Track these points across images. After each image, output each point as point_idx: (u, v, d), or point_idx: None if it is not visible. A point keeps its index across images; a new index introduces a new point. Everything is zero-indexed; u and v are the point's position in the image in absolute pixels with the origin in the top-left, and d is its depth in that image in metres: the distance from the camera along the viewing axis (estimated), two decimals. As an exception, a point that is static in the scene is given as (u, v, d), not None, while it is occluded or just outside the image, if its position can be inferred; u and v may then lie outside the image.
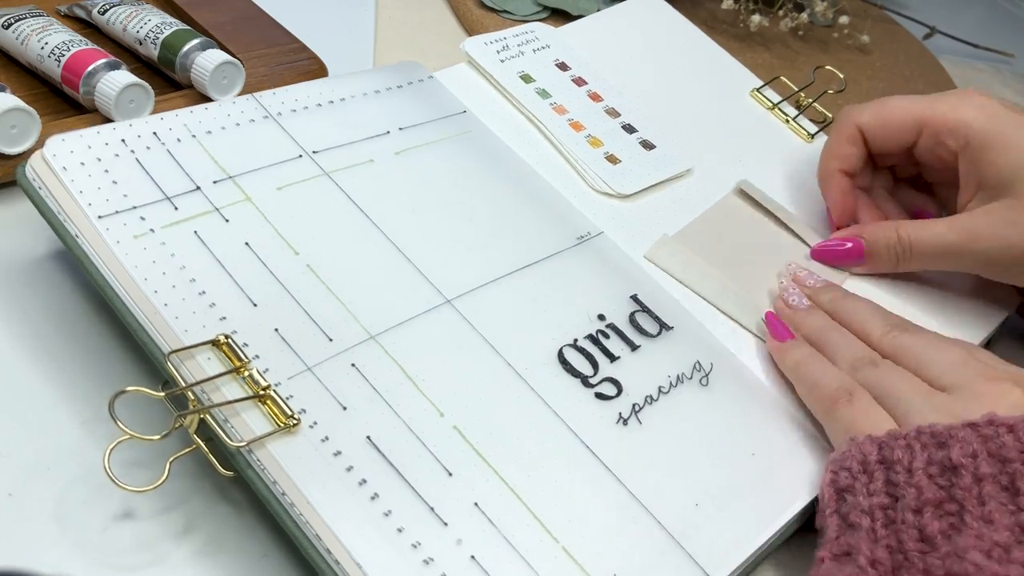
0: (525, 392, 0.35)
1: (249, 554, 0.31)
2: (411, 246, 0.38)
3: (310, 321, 0.34)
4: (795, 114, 0.53)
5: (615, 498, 0.33)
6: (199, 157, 0.38)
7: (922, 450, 0.32)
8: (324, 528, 0.29)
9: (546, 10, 0.61)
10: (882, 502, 0.32)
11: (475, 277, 0.38)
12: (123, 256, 0.33)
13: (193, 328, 0.32)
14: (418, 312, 0.36)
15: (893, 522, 0.31)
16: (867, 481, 0.32)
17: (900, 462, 0.32)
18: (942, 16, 0.79)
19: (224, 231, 0.36)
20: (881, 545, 0.31)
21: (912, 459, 0.32)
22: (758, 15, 0.65)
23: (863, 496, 0.32)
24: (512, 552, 0.30)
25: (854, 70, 0.66)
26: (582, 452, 0.34)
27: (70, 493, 0.32)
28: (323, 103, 0.42)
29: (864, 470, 0.33)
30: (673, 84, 0.52)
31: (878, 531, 0.31)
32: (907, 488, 0.31)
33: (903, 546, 0.31)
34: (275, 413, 0.31)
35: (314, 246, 0.37)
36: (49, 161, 0.35)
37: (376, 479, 0.30)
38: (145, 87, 0.42)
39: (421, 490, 0.31)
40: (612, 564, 0.31)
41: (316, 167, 0.40)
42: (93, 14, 0.49)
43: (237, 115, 0.40)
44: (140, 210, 0.35)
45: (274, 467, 0.30)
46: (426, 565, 0.29)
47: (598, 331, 0.38)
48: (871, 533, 0.31)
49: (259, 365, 0.32)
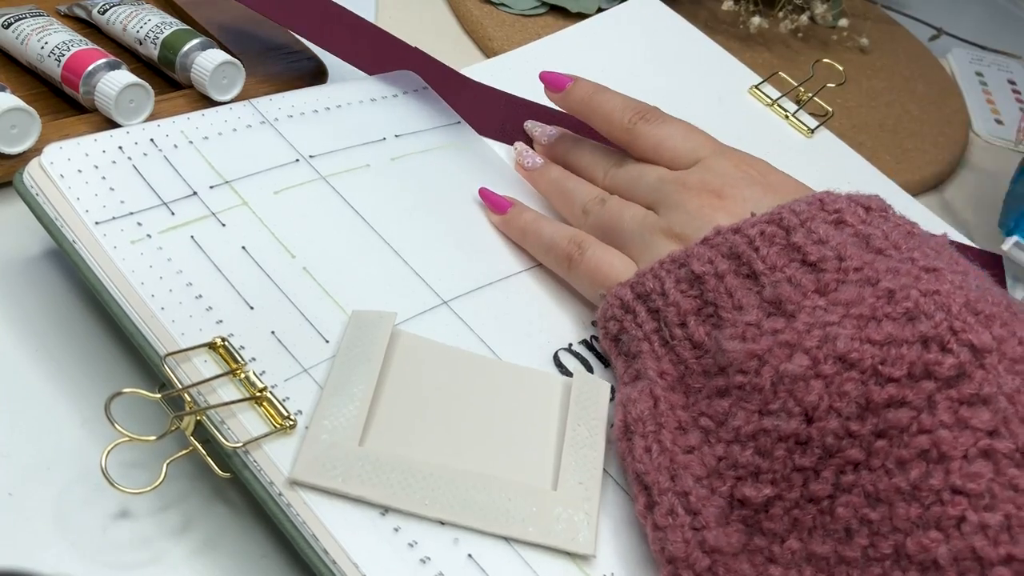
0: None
1: (247, 554, 0.32)
2: (408, 249, 0.38)
3: (307, 323, 0.34)
4: (794, 109, 0.53)
5: (618, 496, 0.33)
6: (196, 163, 0.38)
7: (668, 274, 0.35)
8: (321, 529, 0.29)
9: (544, 6, 0.62)
10: (654, 327, 0.35)
11: (472, 280, 0.38)
12: (120, 261, 0.34)
13: (190, 331, 0.33)
14: (415, 313, 0.36)
15: (667, 342, 0.34)
16: (633, 317, 0.35)
17: (654, 291, 0.35)
18: (942, 16, 0.79)
19: (221, 235, 0.36)
20: (664, 360, 0.34)
21: (662, 284, 0.35)
22: (758, 17, 0.65)
23: (635, 329, 0.35)
24: (512, 553, 0.30)
25: (854, 70, 0.66)
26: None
27: (69, 493, 0.32)
28: (319, 109, 0.43)
29: (627, 310, 0.35)
30: (672, 83, 0.53)
31: (657, 351, 0.34)
32: (667, 309, 0.34)
33: (681, 356, 0.34)
34: (272, 414, 0.31)
35: (310, 249, 0.37)
36: (46, 169, 0.35)
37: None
38: (145, 87, 0.42)
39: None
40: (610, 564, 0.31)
41: (313, 171, 0.40)
42: (93, 14, 0.49)
43: (234, 121, 0.40)
44: (137, 216, 0.35)
45: (270, 468, 0.30)
46: (423, 564, 0.29)
47: (592, 337, 0.38)
48: (652, 353, 0.34)
49: (256, 367, 0.32)
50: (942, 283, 0.31)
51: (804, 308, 0.31)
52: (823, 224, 0.33)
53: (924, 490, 0.28)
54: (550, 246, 0.39)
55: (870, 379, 0.29)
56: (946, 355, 0.29)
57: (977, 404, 0.28)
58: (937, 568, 0.27)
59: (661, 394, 0.33)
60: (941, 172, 0.61)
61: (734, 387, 0.31)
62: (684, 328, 0.34)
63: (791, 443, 0.30)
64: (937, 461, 0.28)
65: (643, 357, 0.34)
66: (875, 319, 0.30)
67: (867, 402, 0.29)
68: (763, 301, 0.32)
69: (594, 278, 0.38)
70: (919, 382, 0.29)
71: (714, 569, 0.30)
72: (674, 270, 0.35)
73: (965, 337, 0.29)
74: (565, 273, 0.39)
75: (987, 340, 0.29)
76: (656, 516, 0.31)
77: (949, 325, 0.29)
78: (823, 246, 0.33)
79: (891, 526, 0.28)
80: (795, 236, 0.33)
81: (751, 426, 0.31)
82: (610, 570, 0.31)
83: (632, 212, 0.38)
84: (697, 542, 0.30)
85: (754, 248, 0.33)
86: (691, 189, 0.37)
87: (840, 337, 0.30)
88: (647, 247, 0.37)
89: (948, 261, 0.32)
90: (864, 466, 0.29)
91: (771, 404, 0.30)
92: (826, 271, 0.32)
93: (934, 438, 0.28)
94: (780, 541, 0.30)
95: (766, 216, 0.34)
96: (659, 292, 0.35)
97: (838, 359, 0.30)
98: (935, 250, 0.33)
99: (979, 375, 0.29)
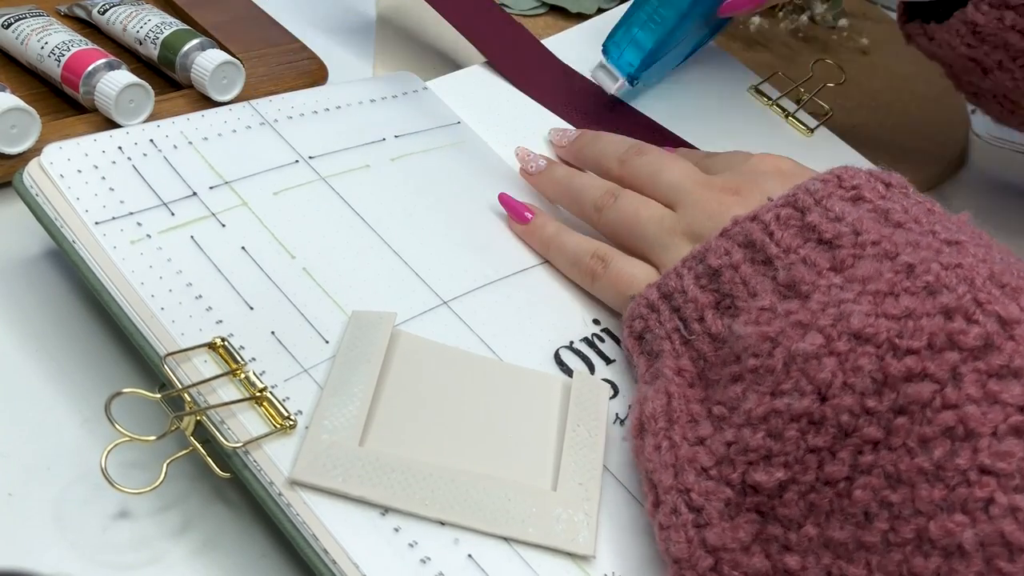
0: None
1: (247, 554, 0.32)
2: (407, 249, 0.38)
3: (306, 323, 0.34)
4: (794, 109, 0.53)
5: (618, 496, 0.33)
6: (196, 163, 0.38)
7: (688, 271, 0.34)
8: (321, 529, 0.29)
9: (544, 6, 0.62)
10: (675, 325, 0.34)
11: (472, 279, 0.38)
12: (120, 262, 0.34)
13: (190, 332, 0.33)
14: (415, 314, 0.36)
15: (687, 339, 0.34)
16: (657, 316, 0.35)
17: (676, 289, 0.35)
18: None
19: (221, 236, 0.36)
20: (684, 357, 0.33)
21: (682, 282, 0.34)
22: (758, 17, 0.65)
23: (658, 327, 0.35)
24: (512, 553, 0.30)
25: (854, 70, 0.66)
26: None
27: (69, 493, 0.32)
28: (319, 110, 0.43)
29: (653, 308, 0.35)
30: (671, 83, 0.53)
31: (677, 348, 0.34)
32: (687, 305, 0.34)
33: (700, 351, 0.33)
34: (271, 415, 0.31)
35: (310, 249, 0.37)
36: (46, 169, 0.35)
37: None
38: (145, 87, 0.42)
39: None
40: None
41: (312, 172, 0.40)
42: (93, 14, 0.49)
43: (234, 122, 0.40)
44: (137, 216, 0.35)
45: (270, 468, 0.30)
46: (423, 564, 0.29)
47: (593, 335, 0.38)
48: (672, 351, 0.34)
49: (256, 367, 0.32)
50: (965, 256, 0.29)
51: (819, 287, 0.30)
52: (839, 201, 0.32)
53: (949, 470, 0.26)
54: (574, 261, 0.39)
55: (886, 352, 0.28)
56: (971, 325, 0.27)
57: (1008, 377, 0.26)
58: (962, 554, 0.25)
59: (676, 391, 0.32)
60: (941, 172, 0.61)
61: (747, 371, 0.31)
62: (702, 323, 0.33)
63: (804, 423, 0.29)
64: (964, 439, 0.26)
65: (664, 356, 0.34)
66: (893, 294, 0.29)
67: (884, 376, 0.28)
68: (777, 285, 0.32)
69: (618, 290, 0.37)
70: (941, 353, 0.27)
71: (719, 568, 0.29)
72: (694, 266, 0.34)
73: (991, 308, 0.27)
74: (589, 286, 0.39)
75: (1015, 311, 0.27)
76: (661, 515, 0.30)
77: (973, 297, 0.28)
78: (839, 223, 0.32)
79: (913, 509, 0.26)
80: (810, 216, 0.32)
81: (762, 408, 0.29)
82: (610, 570, 0.31)
83: (649, 212, 0.38)
84: (699, 541, 0.29)
85: (768, 233, 0.33)
86: (712, 189, 0.37)
87: (855, 314, 0.29)
88: (665, 250, 0.37)
89: (971, 235, 0.31)
90: (883, 445, 0.27)
91: (783, 384, 0.29)
92: (842, 247, 0.31)
93: (960, 414, 0.26)
94: (796, 527, 0.29)
95: (781, 199, 0.33)
96: (680, 290, 0.34)
97: (852, 335, 0.28)
98: (956, 225, 0.32)
99: (1009, 346, 0.27)
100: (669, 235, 0.37)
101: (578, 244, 0.39)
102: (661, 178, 0.39)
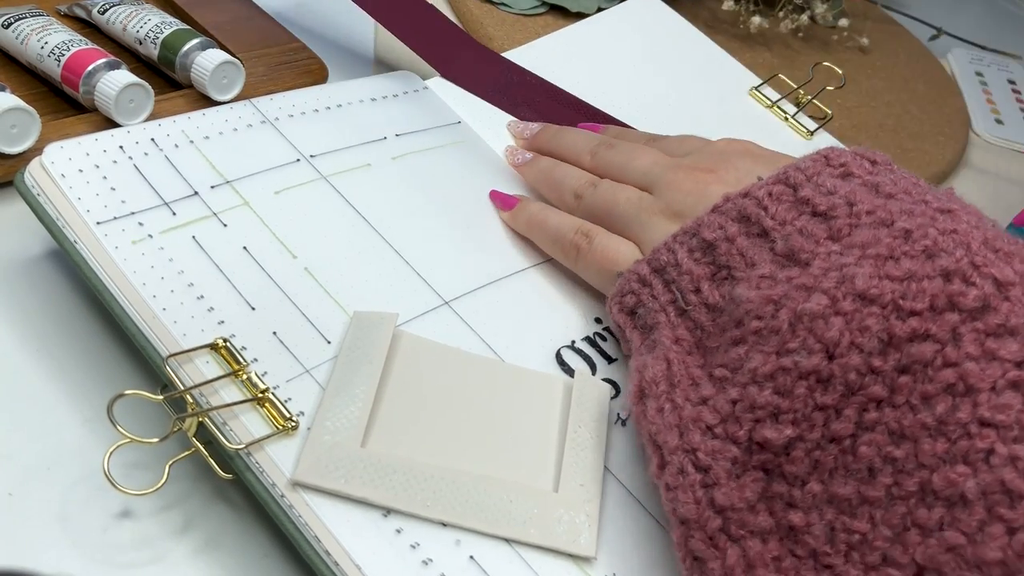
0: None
1: (249, 554, 0.32)
2: (409, 249, 0.38)
3: (308, 324, 0.34)
4: (794, 111, 0.53)
5: (619, 496, 0.33)
6: (197, 163, 0.38)
7: (680, 246, 0.35)
8: (323, 530, 0.29)
9: (544, 6, 0.62)
10: (670, 298, 0.34)
11: (473, 279, 0.38)
12: (121, 262, 0.34)
13: (191, 332, 0.33)
14: (416, 314, 0.36)
15: (683, 310, 0.34)
16: (650, 290, 0.35)
17: (668, 263, 0.35)
18: (942, 16, 0.79)
19: (222, 236, 0.36)
20: (680, 328, 0.34)
21: (675, 256, 0.35)
22: (758, 16, 0.65)
23: (651, 301, 0.35)
24: (513, 554, 0.30)
25: (854, 70, 0.66)
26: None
27: (71, 493, 0.32)
28: (320, 109, 0.43)
29: (644, 283, 0.35)
30: (671, 84, 0.53)
31: (673, 320, 0.34)
32: (682, 278, 0.34)
33: (697, 321, 0.33)
34: (274, 416, 0.31)
35: (312, 249, 0.37)
36: (47, 168, 0.35)
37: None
38: (145, 87, 0.42)
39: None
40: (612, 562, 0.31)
41: (314, 171, 0.40)
42: (93, 14, 0.49)
43: (235, 120, 0.40)
44: (138, 216, 0.35)
45: (272, 470, 0.30)
46: (425, 566, 0.29)
47: (595, 334, 0.38)
48: (668, 323, 0.34)
49: (257, 368, 0.32)
50: (958, 223, 0.30)
51: (818, 255, 0.31)
52: (830, 178, 0.33)
53: (950, 424, 0.27)
54: (556, 237, 0.39)
55: (891, 313, 0.29)
56: (969, 287, 0.28)
57: (1004, 335, 0.28)
58: (965, 502, 0.26)
59: (675, 357, 0.32)
60: (941, 172, 0.61)
61: (750, 333, 0.31)
62: (698, 294, 0.34)
63: (812, 380, 0.29)
64: (964, 394, 0.27)
65: (659, 328, 0.34)
66: (893, 258, 0.29)
67: (889, 337, 0.28)
68: (776, 255, 0.32)
69: (602, 266, 0.38)
70: (942, 314, 0.28)
71: (726, 528, 0.29)
72: (686, 240, 0.35)
73: (987, 271, 0.28)
74: (572, 263, 0.39)
75: (1009, 274, 0.28)
76: (667, 476, 0.30)
77: (970, 260, 0.29)
78: (832, 196, 0.32)
79: (916, 463, 0.27)
80: (803, 191, 0.33)
81: (769, 366, 0.30)
82: (611, 571, 0.31)
83: (627, 195, 0.39)
84: (708, 501, 0.29)
85: (763, 208, 0.33)
86: (684, 169, 0.38)
87: (858, 275, 0.29)
88: (645, 228, 0.37)
89: (961, 205, 0.32)
90: (887, 403, 0.28)
91: (790, 343, 0.29)
92: (837, 218, 0.32)
93: (960, 371, 0.27)
94: (801, 484, 0.29)
95: (772, 177, 0.34)
96: (673, 264, 0.34)
97: (858, 296, 0.29)
98: (946, 196, 0.33)
99: (1005, 307, 0.28)
100: (648, 214, 0.37)
101: (561, 221, 0.40)
102: (633, 166, 0.40)
